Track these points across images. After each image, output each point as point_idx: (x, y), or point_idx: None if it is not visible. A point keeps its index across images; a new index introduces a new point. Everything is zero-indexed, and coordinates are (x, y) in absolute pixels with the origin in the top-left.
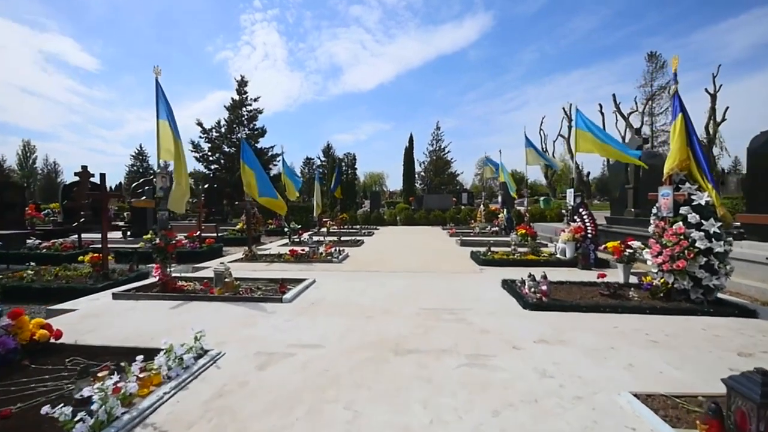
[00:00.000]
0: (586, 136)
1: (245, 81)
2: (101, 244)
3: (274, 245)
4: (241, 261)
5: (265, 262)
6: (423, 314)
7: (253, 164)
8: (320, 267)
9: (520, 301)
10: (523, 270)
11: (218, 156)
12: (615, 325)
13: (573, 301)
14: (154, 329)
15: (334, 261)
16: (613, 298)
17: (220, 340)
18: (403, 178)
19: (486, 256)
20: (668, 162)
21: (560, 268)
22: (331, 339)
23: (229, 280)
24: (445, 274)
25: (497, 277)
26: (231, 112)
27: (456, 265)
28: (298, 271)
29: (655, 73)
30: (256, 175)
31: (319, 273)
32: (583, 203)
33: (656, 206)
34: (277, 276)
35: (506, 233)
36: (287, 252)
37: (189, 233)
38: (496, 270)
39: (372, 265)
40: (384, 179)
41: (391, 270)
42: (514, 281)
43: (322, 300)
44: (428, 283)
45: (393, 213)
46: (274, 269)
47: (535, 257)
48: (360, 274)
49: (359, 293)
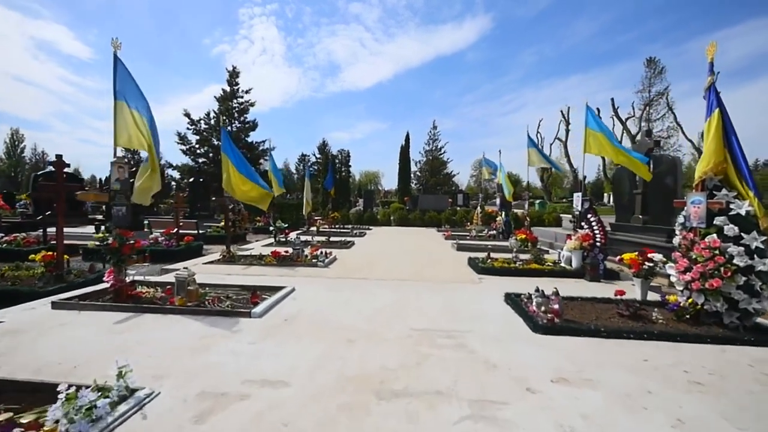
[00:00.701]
0: (597, 136)
1: (237, 72)
2: (56, 241)
3: (259, 245)
4: (218, 263)
5: (243, 265)
6: (415, 337)
7: (234, 156)
8: (303, 272)
9: (528, 322)
10: (525, 280)
11: (207, 149)
12: (644, 357)
13: (590, 323)
14: (83, 354)
15: (319, 265)
16: (633, 319)
17: (160, 371)
18: (399, 177)
19: (485, 264)
20: (701, 164)
21: (566, 279)
22: (301, 372)
23: (193, 288)
24: (440, 284)
25: (499, 289)
26: (221, 103)
27: (452, 273)
28: (277, 276)
29: (653, 78)
30: (239, 166)
31: (300, 279)
32: (592, 208)
33: (683, 215)
34: (252, 282)
35: (504, 237)
36: (270, 253)
37: (165, 230)
38: (496, 280)
39: (360, 271)
40: (379, 178)
41: (381, 277)
42: (519, 296)
43: (298, 315)
44: (422, 296)
45: (387, 213)
46: (252, 273)
47: (539, 266)
48: (346, 282)
49: (342, 307)
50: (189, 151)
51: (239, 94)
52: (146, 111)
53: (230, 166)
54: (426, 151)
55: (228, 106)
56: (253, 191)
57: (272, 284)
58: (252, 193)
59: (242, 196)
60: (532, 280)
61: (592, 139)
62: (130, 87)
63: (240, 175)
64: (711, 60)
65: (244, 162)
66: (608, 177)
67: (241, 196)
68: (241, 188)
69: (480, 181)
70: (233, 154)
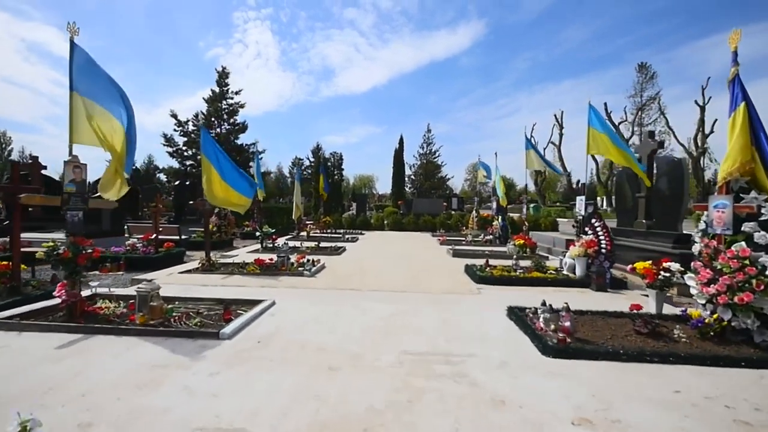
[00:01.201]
0: (600, 137)
1: (227, 73)
2: (12, 250)
3: (244, 251)
4: (196, 272)
5: (222, 274)
6: (408, 364)
7: (215, 158)
8: (287, 282)
9: (537, 342)
10: (527, 291)
11: (195, 151)
12: (676, 388)
13: (605, 343)
14: (2, 392)
15: (306, 274)
16: (653, 337)
17: (88, 418)
18: (393, 180)
19: (483, 273)
20: (725, 164)
21: (570, 288)
22: (266, 418)
23: (157, 303)
24: (436, 296)
25: (500, 302)
26: (210, 104)
27: (449, 283)
28: (258, 287)
29: (645, 83)
30: (220, 169)
31: (283, 291)
32: (596, 213)
33: (704, 220)
34: (229, 294)
35: (501, 242)
36: (253, 261)
37: (144, 235)
38: (496, 290)
39: (350, 281)
40: (374, 182)
41: (372, 288)
42: (524, 310)
43: (275, 335)
44: (416, 310)
45: (380, 217)
46: (231, 284)
47: (541, 274)
48: (333, 294)
49: (326, 325)
50: (176, 154)
51: (229, 96)
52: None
53: (211, 169)
54: (420, 154)
55: (217, 107)
56: (232, 197)
57: (251, 297)
58: (232, 199)
59: (221, 202)
60: (534, 290)
61: (594, 139)
62: (95, 80)
63: (220, 180)
64: (734, 49)
65: (226, 164)
66: (601, 181)
67: (220, 202)
68: (220, 194)
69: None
70: (214, 155)
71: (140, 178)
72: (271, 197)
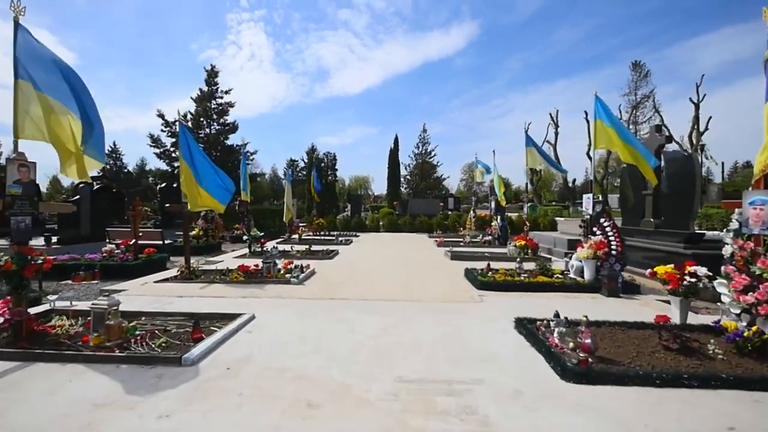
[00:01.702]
0: (608, 130)
1: (216, 71)
2: None
3: (231, 256)
4: (174, 280)
5: (202, 283)
6: (403, 395)
7: (192, 157)
8: (272, 291)
9: (554, 363)
10: (534, 297)
11: None
12: (729, 424)
13: (632, 362)
14: None
15: (293, 282)
16: (684, 354)
17: None
18: (388, 181)
19: (485, 277)
20: (762, 156)
21: (579, 294)
22: None
23: (115, 322)
24: (435, 305)
25: (505, 311)
26: (198, 104)
27: (448, 289)
28: (239, 298)
29: (639, 82)
30: (197, 169)
31: (266, 302)
32: (605, 212)
33: (736, 219)
34: (205, 307)
35: (501, 243)
36: (237, 268)
37: (122, 241)
38: (500, 297)
39: (340, 289)
40: (369, 183)
41: (365, 297)
42: (534, 322)
43: (249, 359)
44: (413, 324)
45: (375, 218)
46: (209, 294)
47: (547, 279)
48: (321, 305)
49: (310, 344)
50: (163, 155)
51: (218, 95)
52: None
53: (188, 171)
54: (416, 154)
55: (206, 107)
56: (207, 201)
57: (229, 310)
58: (207, 202)
59: (198, 206)
60: (540, 296)
61: (602, 132)
62: (46, 68)
63: (196, 183)
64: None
65: (204, 164)
66: (596, 179)
67: (196, 206)
68: (195, 197)
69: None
70: (189, 155)
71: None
72: (265, 199)
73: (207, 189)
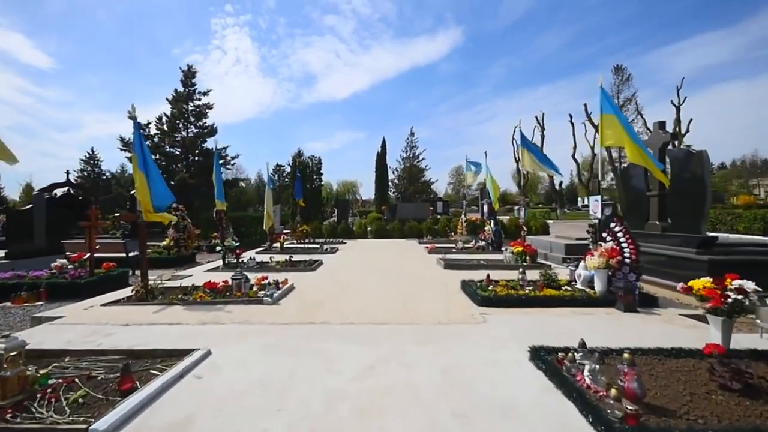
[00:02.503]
0: (615, 126)
1: (193, 72)
2: None
3: (202, 269)
4: (127, 302)
5: (160, 304)
6: None
7: (145, 161)
8: (239, 314)
9: (593, 418)
10: (543, 314)
11: (158, 156)
12: None
13: (689, 411)
14: None
15: (266, 301)
16: (749, 395)
17: None
18: (376, 185)
19: (486, 291)
20: None
21: (593, 309)
22: None
23: (12, 373)
24: (431, 330)
25: (514, 334)
26: (174, 105)
27: (444, 307)
28: (198, 324)
29: (621, 85)
30: (149, 176)
31: (229, 330)
32: (616, 216)
33: None
34: (153, 340)
35: (495, 249)
36: (203, 285)
37: (76, 255)
38: (504, 316)
39: (320, 310)
40: (357, 188)
41: (349, 320)
42: (554, 352)
43: (184, 428)
44: (407, 357)
45: (363, 224)
46: (163, 320)
47: (555, 292)
48: (295, 334)
49: (273, 395)
50: None
51: (196, 97)
52: None
53: (141, 176)
54: (403, 158)
55: (182, 108)
56: (157, 213)
57: (180, 344)
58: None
59: (148, 215)
60: (550, 313)
61: (609, 127)
62: None
63: (148, 189)
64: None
65: (154, 170)
66: (582, 181)
67: (146, 215)
68: (149, 205)
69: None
70: (144, 158)
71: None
72: (249, 205)
73: (152, 199)
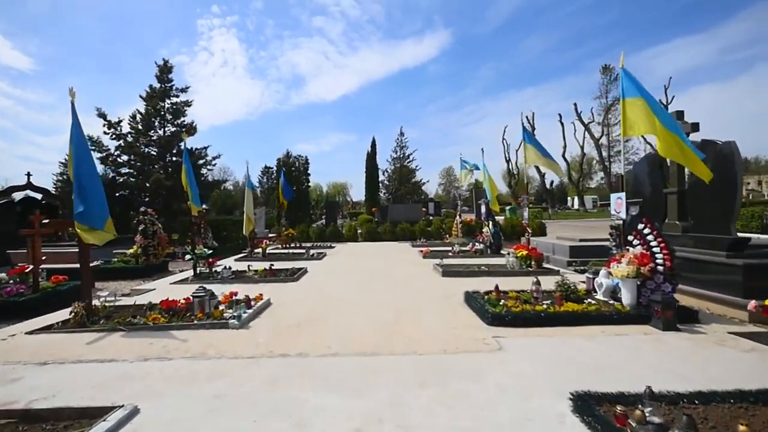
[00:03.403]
0: (643, 111)
1: (169, 67)
2: None
3: (168, 281)
4: (60, 328)
5: (101, 330)
6: None
7: (82, 157)
8: (196, 343)
9: None
10: (570, 336)
11: (132, 157)
12: None
13: None
14: None
15: (231, 324)
16: None
17: None
18: (366, 186)
19: (496, 307)
20: None
21: (625, 327)
22: None
23: None
24: (435, 363)
25: (544, 369)
26: (148, 102)
27: (448, 328)
28: (138, 361)
29: (609, 85)
30: (80, 182)
31: (176, 368)
32: (644, 217)
33: None
34: (67, 390)
35: (494, 252)
36: (160, 303)
37: (18, 268)
38: (524, 340)
39: (298, 336)
40: (348, 189)
41: (331, 350)
42: (608, 402)
43: None
44: (404, 413)
45: (353, 226)
46: (95, 355)
47: (577, 306)
48: (259, 375)
49: None
50: (107, 160)
51: (173, 93)
52: None
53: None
54: (394, 158)
55: (157, 105)
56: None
57: (100, 397)
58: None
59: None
60: (576, 333)
61: (635, 114)
62: None
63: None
64: None
65: (83, 176)
66: (572, 180)
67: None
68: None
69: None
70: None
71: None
72: (236, 208)
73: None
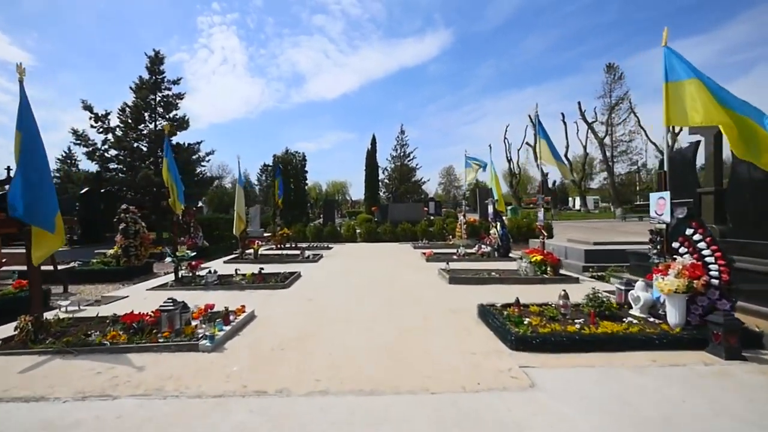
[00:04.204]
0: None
1: (161, 58)
2: None
3: (145, 287)
4: (1, 347)
5: (44, 352)
6: None
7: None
8: (152, 373)
9: None
10: (614, 366)
11: (121, 152)
12: None
13: None
14: None
15: (202, 347)
16: None
17: None
18: (366, 184)
19: (520, 326)
20: None
21: (677, 353)
22: None
23: None
24: (450, 407)
25: (599, 426)
26: (137, 94)
27: (464, 353)
28: (72, 400)
29: (613, 84)
30: (23, 174)
31: (113, 416)
32: (694, 220)
33: None
34: None
35: (502, 255)
36: (120, 318)
37: None
38: (559, 372)
39: (281, 365)
40: (347, 188)
41: (319, 386)
42: None
43: None
44: None
45: (351, 226)
46: (21, 392)
47: (617, 327)
48: (223, 428)
49: None
50: (94, 155)
51: (165, 86)
52: None
53: None
54: (394, 157)
55: (147, 97)
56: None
57: None
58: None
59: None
60: (621, 362)
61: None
62: None
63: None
64: None
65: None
66: (574, 180)
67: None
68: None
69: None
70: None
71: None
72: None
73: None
